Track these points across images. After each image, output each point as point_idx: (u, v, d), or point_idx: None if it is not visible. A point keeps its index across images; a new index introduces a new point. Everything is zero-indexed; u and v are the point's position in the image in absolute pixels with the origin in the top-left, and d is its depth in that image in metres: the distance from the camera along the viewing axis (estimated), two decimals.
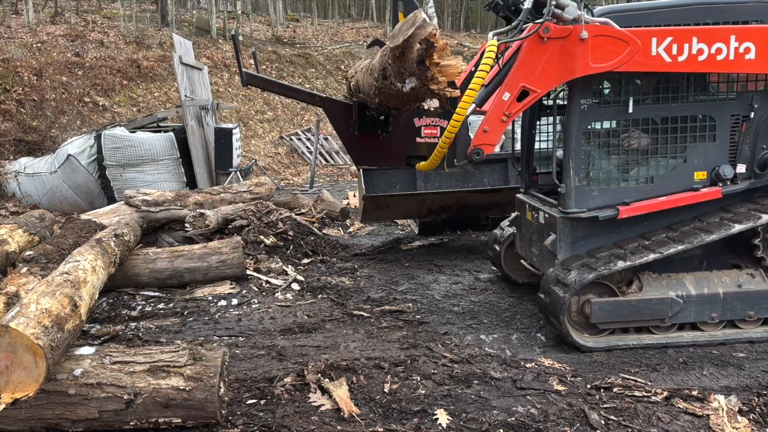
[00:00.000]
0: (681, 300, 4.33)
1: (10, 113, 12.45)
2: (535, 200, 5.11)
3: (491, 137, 4.27)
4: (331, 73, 21.18)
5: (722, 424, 3.21)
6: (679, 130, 4.38)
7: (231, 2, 29.21)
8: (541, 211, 4.82)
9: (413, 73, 2.58)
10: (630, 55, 4.02)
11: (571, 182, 4.38)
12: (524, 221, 5.30)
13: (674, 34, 4.07)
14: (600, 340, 4.38)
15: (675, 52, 4.06)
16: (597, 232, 4.50)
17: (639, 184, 4.44)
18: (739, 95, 4.38)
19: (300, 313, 5.19)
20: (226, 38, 21.35)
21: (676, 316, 4.35)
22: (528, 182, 5.44)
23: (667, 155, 4.43)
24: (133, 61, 16.56)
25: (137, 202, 7.43)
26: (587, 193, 4.41)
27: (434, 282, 6.13)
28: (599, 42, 4.03)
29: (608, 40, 4.03)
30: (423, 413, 3.29)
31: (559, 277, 4.36)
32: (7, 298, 4.00)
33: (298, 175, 15.55)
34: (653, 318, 4.35)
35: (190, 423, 3.15)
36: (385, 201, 7.29)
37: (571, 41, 4.04)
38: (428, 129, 6.13)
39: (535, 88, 4.15)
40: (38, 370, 2.80)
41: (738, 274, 4.44)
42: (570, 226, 4.49)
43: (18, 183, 9.93)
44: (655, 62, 4.08)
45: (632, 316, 4.33)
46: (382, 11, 33.66)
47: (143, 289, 5.73)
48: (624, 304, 4.30)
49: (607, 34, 4.03)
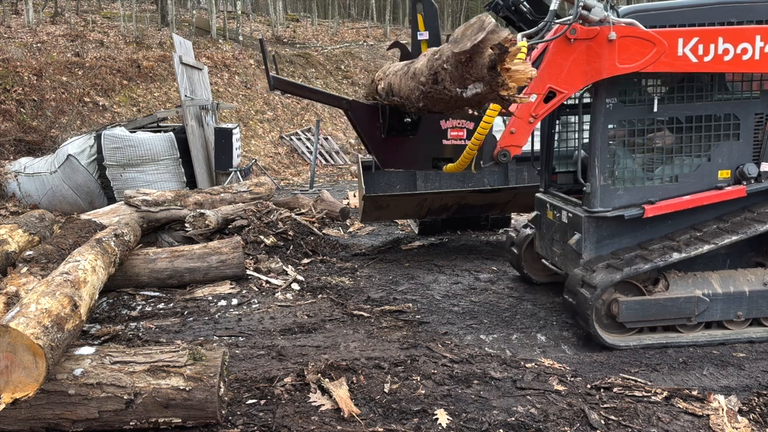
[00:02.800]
0: (707, 298, 4.35)
1: (10, 113, 12.45)
2: (557, 199, 5.11)
3: (518, 138, 4.29)
4: (331, 73, 21.17)
5: (722, 424, 3.21)
6: (703, 128, 4.40)
7: (231, 2, 29.22)
8: (564, 210, 4.82)
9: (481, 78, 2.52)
10: (656, 56, 4.04)
11: (597, 181, 4.40)
12: (545, 221, 5.30)
13: (700, 34, 4.08)
14: (628, 338, 4.39)
15: (701, 52, 4.09)
16: (621, 232, 4.52)
17: (663, 182, 4.47)
18: (763, 93, 4.40)
19: (300, 313, 5.19)
20: (226, 38, 21.36)
21: (702, 314, 4.37)
22: (548, 181, 5.43)
23: (691, 154, 4.45)
24: (133, 61, 16.56)
25: (137, 202, 7.43)
26: (612, 192, 4.43)
27: (434, 282, 6.13)
28: (626, 43, 4.04)
29: (635, 41, 4.04)
30: (423, 413, 3.29)
31: (585, 278, 4.36)
32: (7, 298, 4.00)
33: (298, 175, 15.55)
34: (680, 316, 4.37)
35: (190, 423, 3.15)
36: (385, 201, 7.29)
37: (598, 42, 4.05)
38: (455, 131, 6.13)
39: (562, 89, 4.16)
40: (38, 370, 2.80)
41: (763, 272, 4.46)
42: (595, 225, 4.50)
43: (18, 183, 9.93)
44: (682, 63, 4.10)
45: (659, 315, 4.35)
46: (382, 11, 33.65)
47: (143, 289, 5.73)
48: (651, 303, 4.32)
49: (634, 35, 4.04)
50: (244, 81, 18.62)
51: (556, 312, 5.25)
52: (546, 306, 5.41)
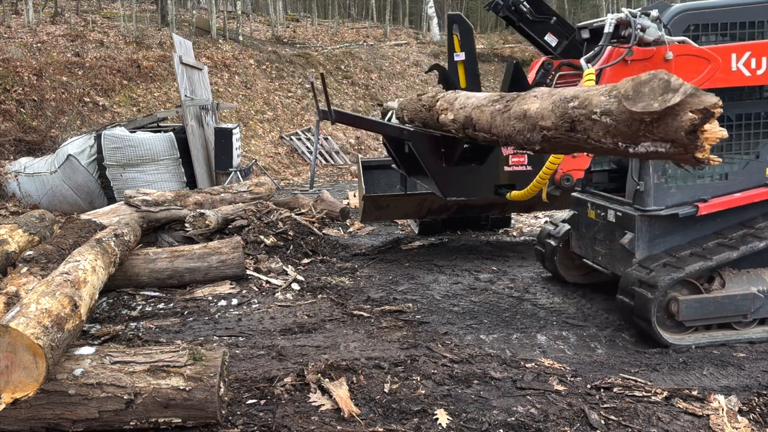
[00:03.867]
0: (763, 295, 4.38)
1: (10, 113, 12.45)
2: (599, 198, 5.10)
3: (580, 162, 4.29)
4: (331, 73, 21.16)
5: (722, 424, 3.21)
6: (752, 126, 4.43)
7: (231, 2, 29.22)
8: (610, 209, 4.82)
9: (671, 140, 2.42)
10: (711, 72, 4.09)
11: (651, 180, 4.41)
12: (584, 220, 5.29)
13: (752, 48, 4.15)
14: (687, 337, 4.41)
15: (754, 66, 4.15)
16: (673, 230, 4.55)
17: (713, 180, 4.51)
18: None
19: (300, 313, 5.19)
20: (226, 38, 21.36)
21: (758, 311, 4.41)
22: (584, 181, 5.45)
23: (740, 151, 4.48)
24: (133, 61, 16.56)
25: (137, 202, 7.43)
26: (665, 191, 4.46)
27: (434, 282, 6.13)
28: (682, 61, 4.07)
29: (690, 59, 4.08)
30: (423, 413, 3.29)
31: (643, 277, 4.36)
32: (7, 298, 4.00)
33: (298, 175, 15.55)
34: (737, 314, 4.40)
35: (190, 423, 3.15)
36: (385, 201, 7.30)
37: (654, 62, 4.07)
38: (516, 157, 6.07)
39: None
40: (38, 370, 2.80)
41: None
42: (648, 224, 4.52)
43: (18, 183, 9.93)
44: (735, 77, 4.16)
45: (716, 313, 4.38)
46: (382, 11, 33.65)
47: (143, 289, 5.73)
48: (710, 301, 4.34)
49: (689, 53, 4.08)
50: (244, 81, 18.62)
51: (556, 312, 5.25)
52: (546, 306, 5.41)
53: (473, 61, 6.66)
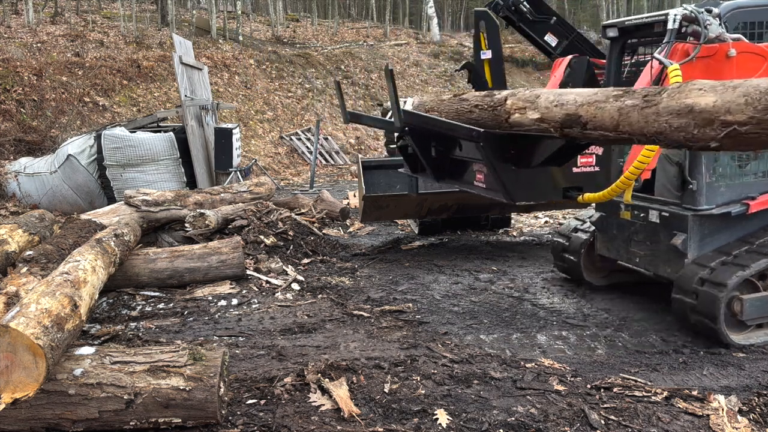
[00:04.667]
0: None
1: (10, 113, 12.45)
2: (636, 199, 5.03)
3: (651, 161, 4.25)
4: (331, 73, 21.16)
5: (722, 424, 3.21)
6: None
7: (231, 2, 29.22)
8: (653, 209, 4.80)
9: None
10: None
11: (703, 179, 4.42)
12: (616, 221, 5.25)
13: None
14: (749, 335, 4.41)
15: None
16: (721, 229, 4.56)
17: (757, 178, 4.56)
18: None
19: (300, 313, 5.19)
20: (226, 38, 21.36)
21: None
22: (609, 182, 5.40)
23: None
24: (133, 61, 16.56)
25: (137, 202, 7.43)
26: (716, 190, 4.48)
27: (434, 282, 6.13)
28: (743, 58, 4.08)
29: (749, 56, 4.10)
30: (423, 413, 3.29)
31: (706, 276, 4.34)
32: (7, 298, 4.00)
33: (298, 175, 15.55)
34: None
35: (190, 423, 3.15)
36: (385, 201, 7.29)
37: (717, 59, 4.09)
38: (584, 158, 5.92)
39: None
40: (38, 370, 2.80)
41: None
42: (699, 223, 4.52)
43: (18, 183, 9.92)
44: None
45: None
46: (382, 11, 33.64)
47: (143, 289, 5.73)
48: None
49: (748, 50, 4.10)
50: (244, 81, 18.62)
51: (555, 312, 5.25)
52: (546, 306, 5.41)
53: (500, 60, 6.52)
